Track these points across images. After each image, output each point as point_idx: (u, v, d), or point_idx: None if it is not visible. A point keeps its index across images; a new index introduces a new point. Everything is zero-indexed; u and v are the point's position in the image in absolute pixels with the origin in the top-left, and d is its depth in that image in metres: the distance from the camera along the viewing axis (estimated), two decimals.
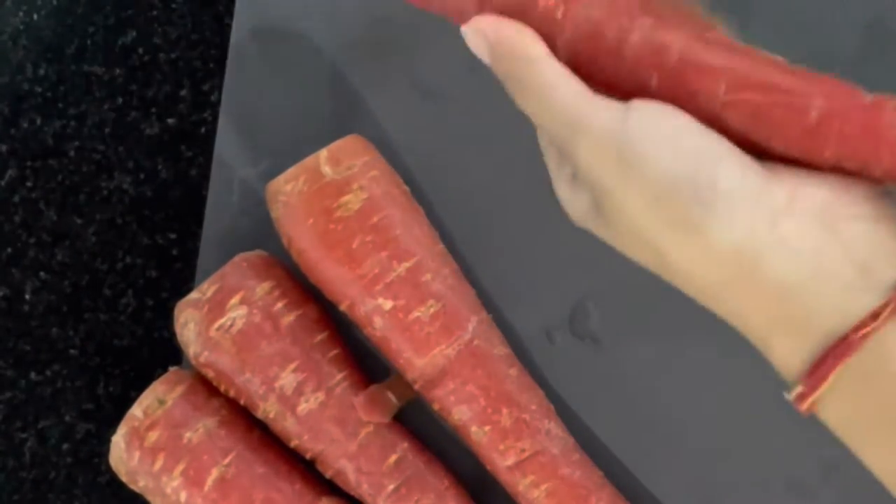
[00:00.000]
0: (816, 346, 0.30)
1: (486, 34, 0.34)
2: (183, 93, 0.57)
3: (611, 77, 0.33)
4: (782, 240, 0.30)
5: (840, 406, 0.31)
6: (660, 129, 0.32)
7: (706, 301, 0.33)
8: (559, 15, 0.34)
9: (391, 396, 0.49)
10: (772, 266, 0.30)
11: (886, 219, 0.31)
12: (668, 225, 0.31)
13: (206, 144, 0.56)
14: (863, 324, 0.29)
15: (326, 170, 0.48)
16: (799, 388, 0.31)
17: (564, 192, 0.35)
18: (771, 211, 0.31)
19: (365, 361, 0.51)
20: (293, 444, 0.49)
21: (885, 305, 0.29)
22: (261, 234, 0.52)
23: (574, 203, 0.35)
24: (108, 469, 0.50)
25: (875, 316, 0.29)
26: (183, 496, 0.47)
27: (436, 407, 0.49)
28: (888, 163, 0.30)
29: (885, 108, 0.30)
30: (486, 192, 0.52)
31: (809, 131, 0.31)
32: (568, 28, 0.34)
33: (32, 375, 0.56)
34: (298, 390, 0.48)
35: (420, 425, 0.51)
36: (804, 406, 0.31)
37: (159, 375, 0.49)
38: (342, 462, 0.48)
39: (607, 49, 0.33)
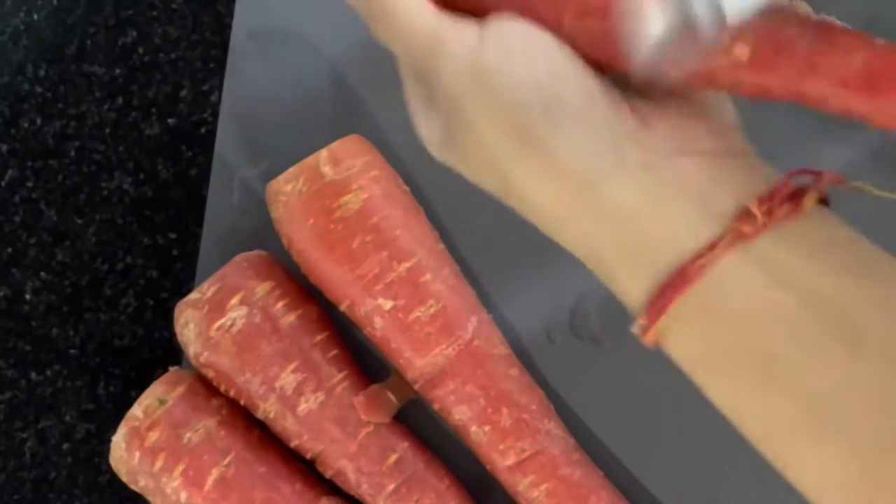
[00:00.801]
0: (657, 277, 0.30)
1: None
2: (183, 93, 0.57)
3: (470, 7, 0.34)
4: (625, 166, 0.30)
5: (682, 341, 0.31)
6: (514, 43, 0.32)
7: (553, 232, 0.33)
8: None
9: (391, 396, 0.49)
10: (613, 192, 0.30)
11: (731, 154, 0.31)
12: (515, 142, 0.31)
13: (206, 144, 0.56)
14: (699, 254, 0.29)
15: (326, 170, 0.48)
16: (640, 321, 0.31)
17: (421, 121, 0.35)
18: (616, 135, 0.30)
19: (365, 361, 0.51)
20: (293, 444, 0.49)
21: (723, 236, 0.29)
22: (261, 234, 0.52)
23: (428, 131, 0.35)
24: (109, 469, 0.50)
25: (712, 247, 0.29)
26: (183, 496, 0.47)
27: (436, 407, 0.49)
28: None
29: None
30: (487, 193, 0.52)
31: (593, 35, 0.31)
32: None
33: (32, 375, 0.56)
34: (298, 390, 0.48)
35: (420, 425, 0.51)
36: (647, 339, 0.31)
37: (159, 375, 0.49)
38: (342, 462, 0.48)
39: None
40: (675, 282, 0.29)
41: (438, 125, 0.34)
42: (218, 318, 0.47)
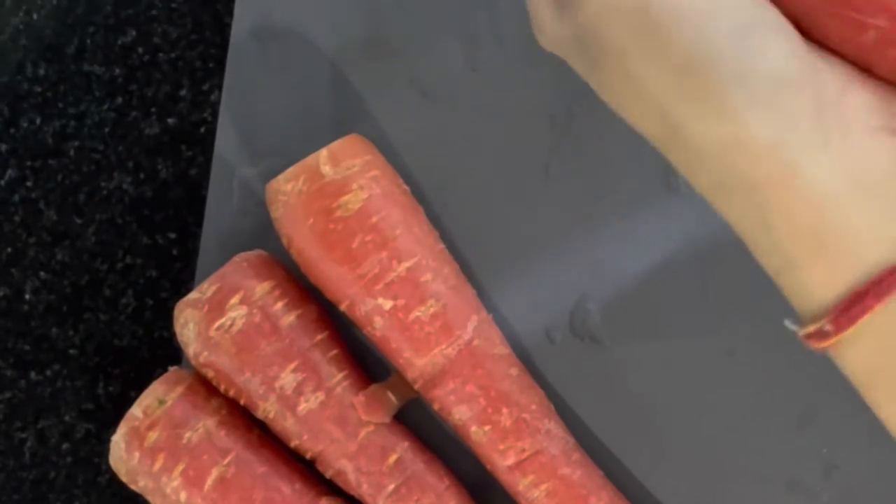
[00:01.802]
0: (854, 277, 0.25)
1: None
2: (183, 93, 0.57)
3: None
4: (827, 142, 0.25)
5: (866, 353, 0.26)
6: None
7: (716, 197, 0.28)
8: None
9: (391, 396, 0.49)
10: (812, 171, 0.25)
11: None
12: (694, 101, 0.26)
13: (206, 144, 0.56)
14: None
15: (326, 169, 0.48)
16: (822, 324, 0.26)
17: (544, 11, 0.29)
18: (818, 105, 0.26)
19: (365, 361, 0.51)
20: (293, 444, 0.49)
21: None
22: (261, 234, 0.52)
23: (551, 29, 0.29)
24: (108, 469, 0.50)
25: None
26: (183, 496, 0.47)
27: (436, 407, 0.49)
28: None
29: None
30: (486, 193, 0.52)
31: (865, 49, 0.26)
32: None
33: (32, 375, 0.56)
34: (298, 390, 0.48)
35: (420, 425, 0.51)
36: (823, 345, 0.26)
37: (159, 375, 0.49)
38: (342, 462, 0.48)
39: None
40: (879, 287, 0.25)
41: (566, 31, 0.28)
42: (218, 317, 0.47)
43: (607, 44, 0.26)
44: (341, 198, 0.48)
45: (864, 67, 0.27)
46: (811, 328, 0.26)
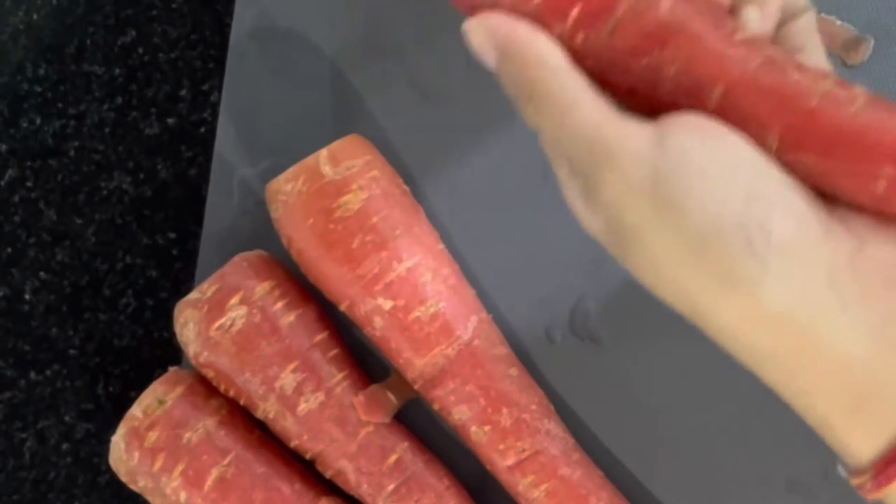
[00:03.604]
0: (889, 436, 0.25)
1: (495, 32, 0.30)
2: (183, 93, 0.57)
3: (641, 100, 0.29)
4: (844, 304, 0.26)
5: None
6: (703, 158, 0.26)
7: (750, 364, 0.28)
8: (577, 43, 0.29)
9: (391, 396, 0.49)
10: (833, 335, 0.26)
11: None
12: (710, 276, 0.26)
13: (206, 144, 0.56)
14: None
15: (326, 169, 0.48)
16: (864, 482, 0.26)
17: (576, 204, 0.30)
18: (832, 266, 0.26)
19: (365, 361, 0.51)
20: (293, 444, 0.49)
21: None
22: (261, 234, 0.52)
23: (587, 220, 0.30)
24: (108, 469, 0.50)
25: None
26: (183, 496, 0.47)
27: (436, 407, 0.49)
28: None
29: None
30: (487, 193, 0.52)
31: (878, 198, 0.27)
32: (589, 57, 0.29)
33: (32, 375, 0.56)
34: (298, 390, 0.48)
35: (420, 425, 0.51)
36: (869, 497, 0.27)
37: (159, 375, 0.49)
38: (342, 462, 0.48)
39: (637, 78, 0.29)
40: None
41: (600, 221, 0.29)
42: (217, 317, 0.47)
43: (626, 224, 0.27)
44: (341, 198, 0.48)
45: (881, 214, 0.27)
46: (855, 481, 0.27)
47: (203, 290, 0.48)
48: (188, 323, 0.48)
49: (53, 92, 0.57)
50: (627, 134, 0.27)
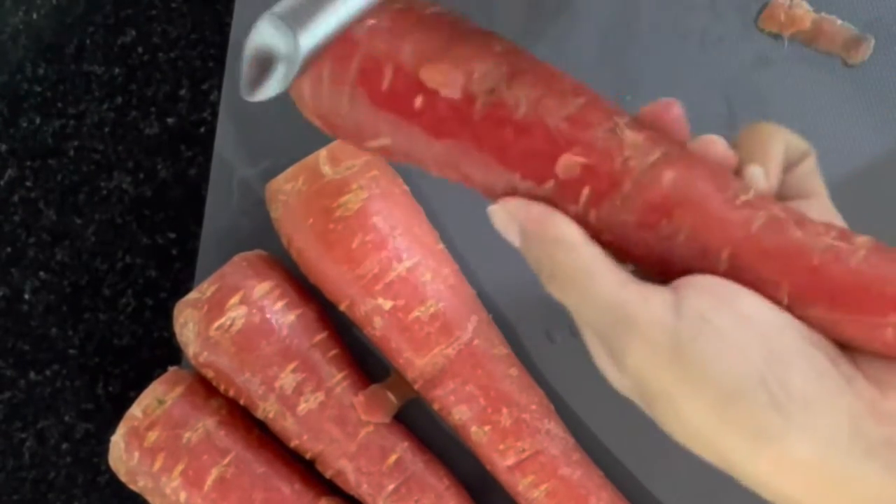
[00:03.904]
0: None
1: (516, 213, 0.32)
2: (183, 92, 0.57)
3: (657, 266, 0.30)
4: (870, 447, 0.26)
5: None
6: (720, 320, 0.28)
7: None
8: (592, 219, 0.31)
9: (391, 396, 0.49)
10: (862, 481, 0.27)
11: None
12: (737, 434, 0.27)
13: (206, 144, 0.56)
14: None
15: (326, 169, 0.48)
16: None
17: (605, 366, 0.32)
18: (854, 414, 0.27)
19: (365, 361, 0.51)
20: (293, 444, 0.49)
21: None
22: (261, 234, 0.52)
23: (618, 381, 0.31)
24: (108, 469, 0.50)
25: None
26: (182, 496, 0.47)
27: (436, 407, 0.49)
28: None
29: None
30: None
31: (889, 345, 0.28)
32: (605, 231, 0.31)
33: (32, 375, 0.56)
34: (298, 390, 0.48)
35: (420, 425, 0.50)
36: None
37: (159, 375, 0.49)
38: (342, 462, 0.48)
39: (651, 247, 0.30)
40: None
41: (630, 385, 0.31)
42: (217, 317, 0.47)
43: (652, 388, 0.29)
44: (341, 198, 0.48)
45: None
46: None
47: (203, 290, 0.48)
48: (188, 323, 0.48)
49: (53, 92, 0.57)
50: (646, 300, 0.29)
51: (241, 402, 0.49)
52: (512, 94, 0.32)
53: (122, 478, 0.49)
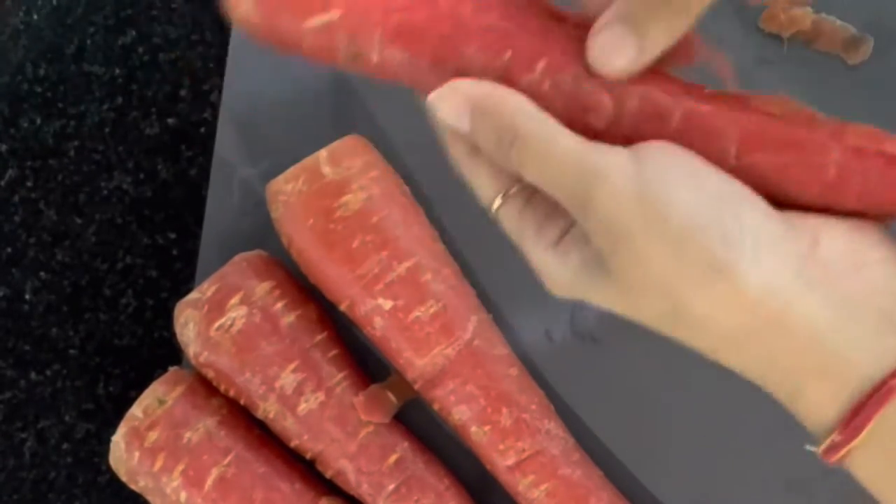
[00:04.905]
0: (852, 393, 0.29)
1: (467, 93, 0.33)
2: (183, 93, 0.57)
3: (607, 137, 0.32)
4: (810, 283, 0.30)
5: (872, 459, 0.30)
6: (678, 171, 0.30)
7: (725, 354, 0.32)
8: (546, 87, 0.32)
9: (391, 396, 0.49)
10: (801, 310, 0.29)
11: None
12: (694, 269, 0.30)
13: (206, 144, 0.56)
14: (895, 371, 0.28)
15: (326, 170, 0.48)
16: (833, 438, 0.30)
17: (546, 259, 0.35)
18: (796, 255, 0.30)
19: (365, 361, 0.51)
20: (293, 443, 0.49)
21: None
22: (261, 234, 0.52)
23: (560, 268, 0.34)
24: (108, 469, 0.50)
25: None
26: (183, 496, 0.47)
27: (436, 407, 0.49)
28: None
29: None
30: None
31: (829, 186, 0.30)
32: (558, 101, 0.32)
33: (32, 375, 0.56)
34: (298, 390, 0.48)
35: (420, 425, 0.51)
36: (836, 457, 0.30)
37: (159, 375, 0.49)
38: (342, 462, 0.48)
39: (602, 118, 0.32)
40: (876, 397, 0.28)
41: (575, 260, 0.33)
42: (218, 317, 0.47)
43: (616, 230, 0.31)
44: (341, 198, 0.48)
45: (829, 209, 0.31)
46: (824, 445, 0.30)
47: (203, 290, 0.48)
48: (188, 323, 0.48)
49: (53, 92, 0.57)
50: (608, 154, 0.31)
51: (242, 402, 0.49)
52: None
53: (123, 478, 0.49)
